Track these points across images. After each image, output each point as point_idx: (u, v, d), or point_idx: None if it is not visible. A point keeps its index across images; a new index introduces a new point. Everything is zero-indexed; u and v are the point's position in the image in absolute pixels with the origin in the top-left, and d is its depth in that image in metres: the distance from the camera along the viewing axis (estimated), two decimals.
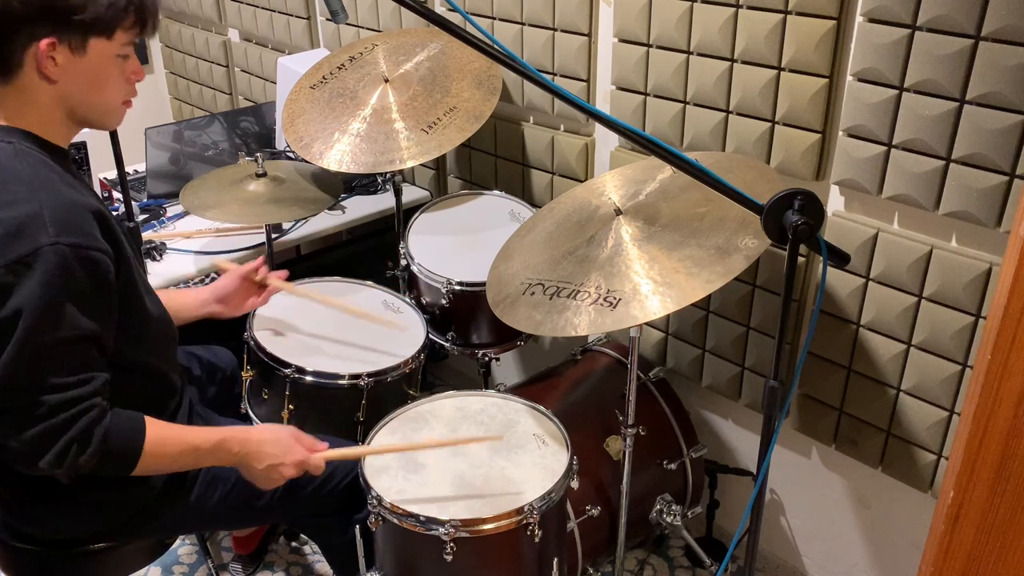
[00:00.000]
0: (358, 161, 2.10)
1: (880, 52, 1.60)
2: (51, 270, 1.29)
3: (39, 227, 1.29)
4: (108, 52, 1.38)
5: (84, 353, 1.36)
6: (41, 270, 1.28)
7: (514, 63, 1.29)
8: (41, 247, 1.28)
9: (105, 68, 1.39)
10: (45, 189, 1.33)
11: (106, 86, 1.41)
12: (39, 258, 1.28)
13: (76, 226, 1.33)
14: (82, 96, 1.40)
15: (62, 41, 1.33)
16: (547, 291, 1.64)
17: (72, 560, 1.60)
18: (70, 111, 1.41)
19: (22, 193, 1.32)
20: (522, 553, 1.60)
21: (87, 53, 1.36)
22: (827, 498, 2.07)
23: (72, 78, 1.37)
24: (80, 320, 1.33)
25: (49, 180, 1.35)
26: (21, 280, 1.28)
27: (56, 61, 1.34)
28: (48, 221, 1.30)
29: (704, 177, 1.29)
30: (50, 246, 1.29)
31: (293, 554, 2.36)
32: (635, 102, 2.05)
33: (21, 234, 1.29)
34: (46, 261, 1.28)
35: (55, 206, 1.32)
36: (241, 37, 3.41)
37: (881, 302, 1.76)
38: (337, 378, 1.88)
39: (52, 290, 1.29)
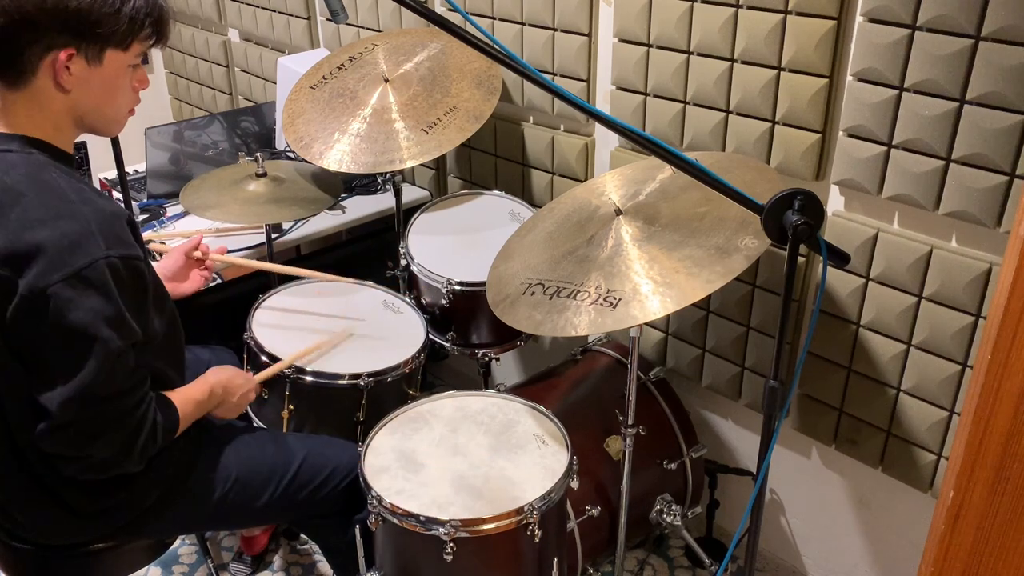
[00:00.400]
0: (358, 161, 2.10)
1: (880, 52, 1.60)
2: (109, 283, 1.33)
3: (91, 240, 1.32)
4: (123, 63, 1.40)
5: (134, 358, 1.42)
6: (100, 283, 1.32)
7: (514, 63, 1.29)
8: (96, 260, 1.31)
9: (118, 79, 1.41)
10: (86, 201, 1.36)
11: (116, 96, 1.43)
12: (96, 271, 1.31)
13: (120, 237, 1.37)
14: (93, 106, 1.41)
15: (80, 52, 1.34)
16: (547, 291, 1.64)
17: (72, 560, 1.60)
18: (79, 119, 1.43)
19: (65, 207, 1.34)
20: (522, 553, 1.60)
21: (103, 64, 1.37)
22: (827, 498, 2.07)
23: (85, 88, 1.38)
24: (134, 328, 1.39)
25: (84, 192, 1.38)
26: (81, 294, 1.31)
27: (71, 71, 1.35)
28: (98, 233, 1.33)
29: (704, 177, 1.29)
30: (104, 259, 1.32)
31: (293, 554, 2.36)
32: (635, 102, 2.05)
33: (76, 248, 1.31)
34: (103, 274, 1.32)
35: (100, 219, 1.35)
36: (241, 37, 3.41)
37: (881, 302, 1.76)
38: (337, 378, 1.88)
39: (114, 302, 1.34)
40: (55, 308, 1.30)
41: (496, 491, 1.60)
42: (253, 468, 1.68)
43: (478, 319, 2.13)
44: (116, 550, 1.64)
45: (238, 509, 1.68)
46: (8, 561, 1.61)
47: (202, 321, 2.13)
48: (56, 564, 1.60)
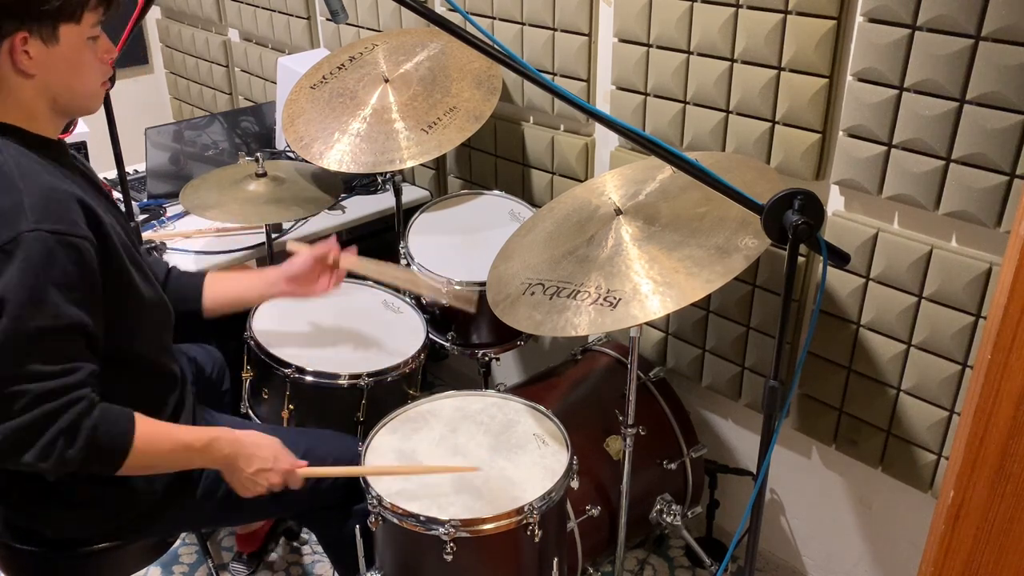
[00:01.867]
0: (358, 161, 2.10)
1: (880, 52, 1.60)
2: (32, 257, 1.27)
3: (19, 214, 1.28)
4: (79, 37, 1.36)
5: (70, 343, 1.32)
6: (22, 257, 1.26)
7: (514, 63, 1.29)
8: (21, 234, 1.27)
9: (79, 53, 1.37)
10: (25, 177, 1.32)
11: (83, 71, 1.39)
12: (19, 245, 1.26)
13: (58, 213, 1.31)
14: (62, 85, 1.38)
15: (33, 34, 1.31)
16: (547, 291, 1.64)
17: (72, 560, 1.60)
18: (52, 102, 1.40)
19: (3, 184, 1.31)
20: (522, 553, 1.60)
21: (59, 42, 1.34)
22: (827, 498, 2.07)
23: (49, 69, 1.35)
24: (65, 308, 1.30)
25: (30, 169, 1.34)
26: (2, 268, 1.27)
27: (30, 55, 1.32)
28: (28, 208, 1.28)
29: (704, 177, 1.29)
30: (30, 232, 1.27)
31: (293, 554, 2.36)
32: (635, 102, 2.05)
33: (1, 222, 1.27)
34: (27, 248, 1.27)
35: (36, 193, 1.30)
36: (241, 37, 3.41)
37: (881, 302, 1.76)
38: (337, 378, 1.88)
39: (34, 277, 1.27)
40: None
41: (496, 491, 1.60)
42: None
43: (478, 319, 2.13)
44: (117, 550, 1.64)
45: (240, 504, 1.68)
46: (9, 561, 1.61)
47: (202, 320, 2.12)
48: (57, 564, 1.60)
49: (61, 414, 1.29)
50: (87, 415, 1.32)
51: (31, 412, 1.28)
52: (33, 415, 1.28)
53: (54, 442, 1.29)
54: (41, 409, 1.28)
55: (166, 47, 3.90)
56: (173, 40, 3.80)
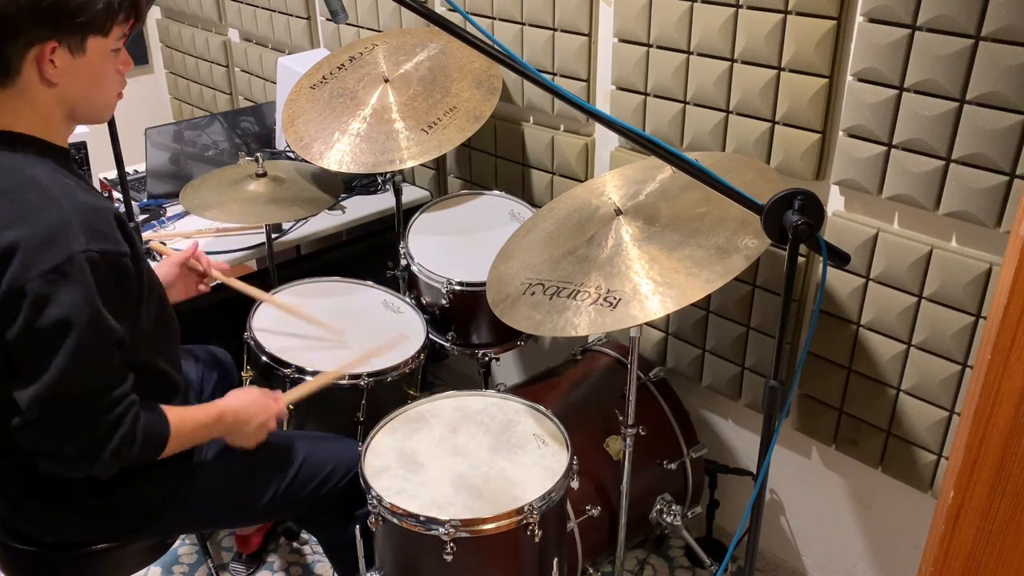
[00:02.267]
0: (358, 161, 2.10)
1: (880, 52, 1.60)
2: (87, 278, 1.30)
3: (69, 235, 1.30)
4: (105, 49, 1.38)
5: (117, 355, 1.39)
6: (78, 278, 1.30)
7: (514, 63, 1.29)
8: (74, 255, 1.29)
9: (102, 65, 1.39)
10: (67, 196, 1.34)
11: (103, 83, 1.41)
12: (73, 266, 1.29)
13: (102, 232, 1.34)
14: (82, 96, 1.39)
15: (62, 44, 1.32)
16: (547, 291, 1.64)
17: (72, 560, 1.60)
18: (70, 111, 1.41)
19: (45, 201, 1.32)
20: (522, 553, 1.60)
21: (86, 53, 1.35)
22: (827, 498, 2.07)
23: (72, 79, 1.36)
24: (114, 324, 1.36)
25: (66, 186, 1.36)
26: (59, 289, 1.29)
27: (56, 64, 1.33)
28: (77, 228, 1.31)
29: (704, 177, 1.29)
30: (82, 253, 1.30)
31: (293, 554, 2.36)
32: (635, 102, 2.05)
33: (53, 243, 1.29)
34: (81, 269, 1.30)
35: (81, 212, 1.33)
36: (241, 37, 3.41)
37: (881, 302, 1.76)
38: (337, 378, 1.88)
39: (92, 298, 1.31)
40: (32, 304, 1.28)
41: (496, 491, 1.60)
42: (255, 467, 1.68)
43: (478, 319, 2.13)
44: (117, 550, 1.64)
45: (240, 508, 1.69)
46: (9, 561, 1.61)
47: (202, 321, 2.13)
48: (57, 564, 1.60)
49: (121, 422, 1.39)
50: (139, 417, 1.42)
51: (100, 422, 1.36)
52: (103, 427, 1.37)
53: (120, 446, 1.39)
54: (110, 417, 1.37)
55: (166, 47, 3.90)
56: (173, 40, 3.80)
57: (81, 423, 1.36)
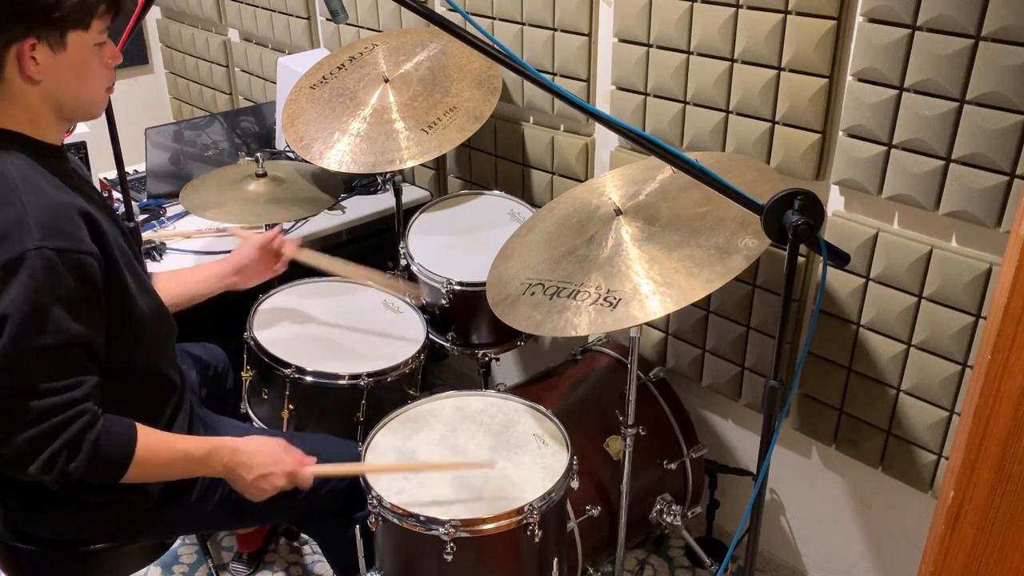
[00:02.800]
0: (358, 161, 2.10)
1: (880, 52, 1.60)
2: (36, 274, 1.27)
3: (23, 231, 1.28)
4: (87, 43, 1.36)
5: (73, 358, 1.34)
6: (26, 275, 1.26)
7: (514, 63, 1.29)
8: (26, 251, 1.27)
9: (86, 60, 1.37)
10: (30, 191, 1.31)
11: (89, 78, 1.39)
12: (24, 263, 1.26)
13: (62, 229, 1.31)
14: (67, 92, 1.38)
15: (42, 40, 1.31)
16: (547, 291, 1.64)
17: (72, 560, 1.60)
18: (58, 108, 1.39)
19: (5, 196, 1.30)
20: (522, 553, 1.60)
21: (67, 49, 1.33)
22: (827, 498, 2.07)
23: (55, 76, 1.34)
24: (68, 324, 1.31)
25: (34, 182, 1.33)
26: (6, 286, 1.27)
27: (38, 61, 1.32)
28: (32, 224, 1.28)
29: (704, 177, 1.29)
30: (35, 250, 1.27)
31: (293, 554, 2.36)
32: (635, 102, 2.05)
33: (5, 239, 1.27)
34: (31, 266, 1.27)
35: (40, 209, 1.30)
36: (241, 37, 3.41)
37: (881, 302, 1.76)
38: (337, 378, 1.88)
39: (38, 295, 1.27)
40: None
41: (496, 491, 1.60)
42: None
43: (478, 319, 2.13)
44: (116, 550, 1.64)
45: (239, 509, 1.68)
46: (8, 561, 1.61)
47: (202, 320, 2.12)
48: (57, 564, 1.60)
49: (65, 428, 1.32)
50: (90, 428, 1.34)
51: (37, 427, 1.30)
52: (39, 430, 1.30)
53: (57, 455, 1.32)
54: (47, 424, 1.31)
55: (166, 47, 3.90)
56: (173, 40, 3.80)
57: (13, 423, 1.30)
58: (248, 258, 1.87)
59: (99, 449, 1.35)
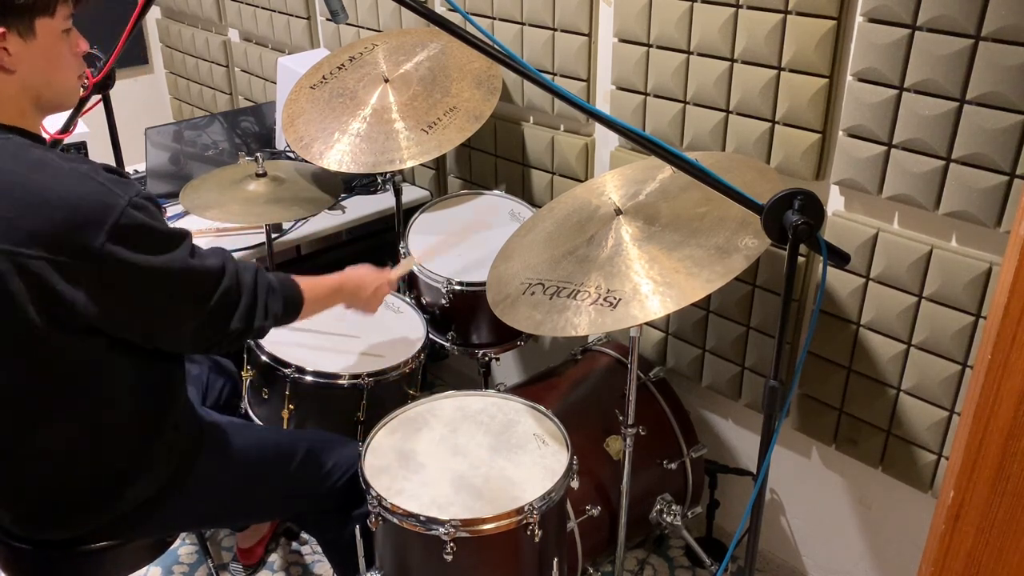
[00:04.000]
0: (358, 161, 2.10)
1: (880, 52, 1.60)
2: (142, 216, 1.34)
3: (109, 193, 1.32)
4: (54, 30, 1.37)
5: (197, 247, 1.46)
6: (139, 222, 1.33)
7: (514, 63, 1.29)
8: (125, 207, 1.32)
9: (55, 47, 1.38)
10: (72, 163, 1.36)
11: (61, 65, 1.40)
12: (129, 216, 1.32)
13: (120, 179, 1.38)
14: (42, 81, 1.39)
15: (11, 29, 1.32)
16: (547, 291, 1.64)
17: (72, 559, 1.60)
18: (35, 99, 1.40)
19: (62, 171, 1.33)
20: (522, 553, 1.60)
21: (36, 36, 1.35)
22: (827, 498, 2.07)
23: (29, 64, 1.36)
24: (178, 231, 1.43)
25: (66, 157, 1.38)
26: (130, 238, 1.32)
27: (9, 51, 1.33)
28: (111, 186, 1.34)
29: (704, 177, 1.29)
30: (127, 203, 1.33)
31: (293, 554, 2.36)
32: (635, 102, 2.05)
33: (101, 204, 1.31)
34: (133, 215, 1.33)
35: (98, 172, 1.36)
36: (241, 37, 3.41)
37: (881, 302, 1.76)
38: (337, 378, 1.88)
39: (158, 226, 1.37)
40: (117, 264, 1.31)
41: (496, 491, 1.60)
42: (254, 464, 1.68)
43: (478, 319, 2.13)
44: (116, 549, 1.63)
45: (239, 505, 1.68)
46: (8, 560, 1.61)
47: None
48: (56, 564, 1.60)
49: (256, 279, 1.51)
50: (265, 273, 1.54)
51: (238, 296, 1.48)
52: (247, 292, 1.49)
53: (266, 303, 1.52)
54: (244, 288, 1.48)
55: (166, 47, 3.90)
56: (173, 40, 3.80)
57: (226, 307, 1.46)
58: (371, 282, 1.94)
59: (284, 291, 1.57)
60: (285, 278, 1.59)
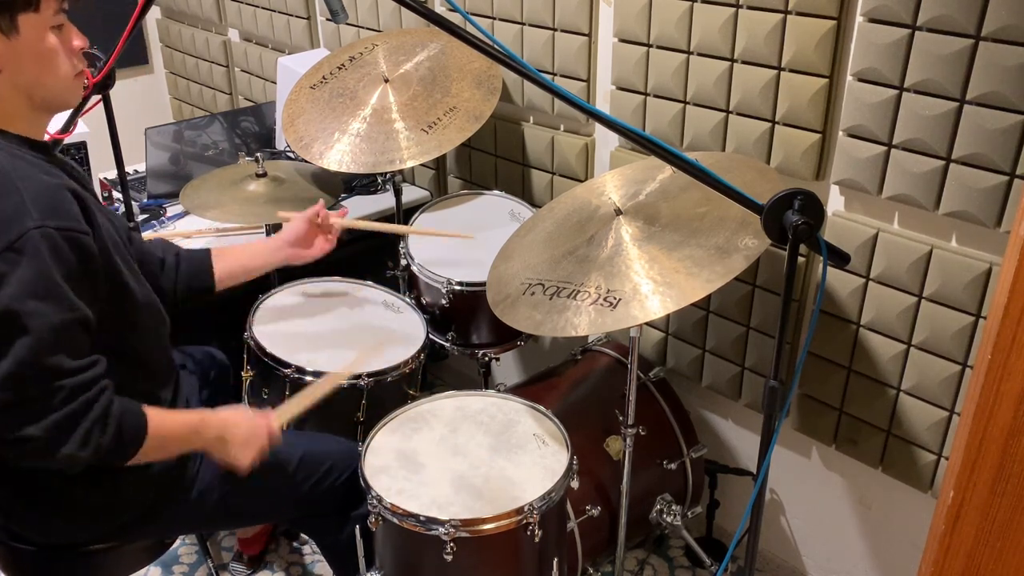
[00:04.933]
0: (358, 161, 2.10)
1: (880, 52, 1.60)
2: (42, 253, 1.28)
3: (23, 212, 1.28)
4: (41, 26, 1.34)
5: (84, 336, 1.35)
6: (32, 254, 1.27)
7: (514, 63, 1.29)
8: (28, 231, 1.27)
9: (43, 43, 1.35)
10: (23, 177, 1.32)
11: (51, 62, 1.37)
12: (28, 243, 1.27)
13: (59, 208, 1.31)
14: (31, 78, 1.36)
15: None
16: (547, 291, 1.64)
17: (72, 560, 1.60)
18: (28, 98, 1.38)
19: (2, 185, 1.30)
20: (522, 553, 1.60)
21: (20, 33, 1.32)
22: (827, 498, 2.07)
23: (15, 63, 1.33)
24: (75, 302, 1.32)
25: (23, 169, 1.34)
26: (14, 267, 1.27)
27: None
28: (31, 206, 1.28)
29: (704, 177, 1.29)
30: (36, 229, 1.27)
31: (293, 554, 2.36)
32: (635, 102, 2.05)
33: (6, 222, 1.27)
34: (35, 245, 1.27)
35: (36, 191, 1.31)
36: (241, 37, 3.41)
37: (881, 302, 1.76)
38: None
39: (48, 272, 1.28)
40: None
41: (496, 491, 1.60)
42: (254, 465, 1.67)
43: (478, 319, 2.13)
44: (116, 550, 1.64)
45: (238, 508, 1.68)
46: (8, 561, 1.61)
47: (202, 321, 2.13)
48: (56, 565, 1.60)
49: (94, 403, 1.34)
50: (112, 403, 1.37)
51: (68, 406, 1.31)
52: (72, 407, 1.31)
53: (91, 430, 1.33)
54: (79, 400, 1.32)
55: (166, 47, 3.90)
56: (173, 40, 3.80)
57: (46, 404, 1.30)
58: (298, 231, 1.91)
59: (122, 423, 1.37)
60: (131, 409, 1.40)
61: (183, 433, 1.50)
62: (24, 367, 1.27)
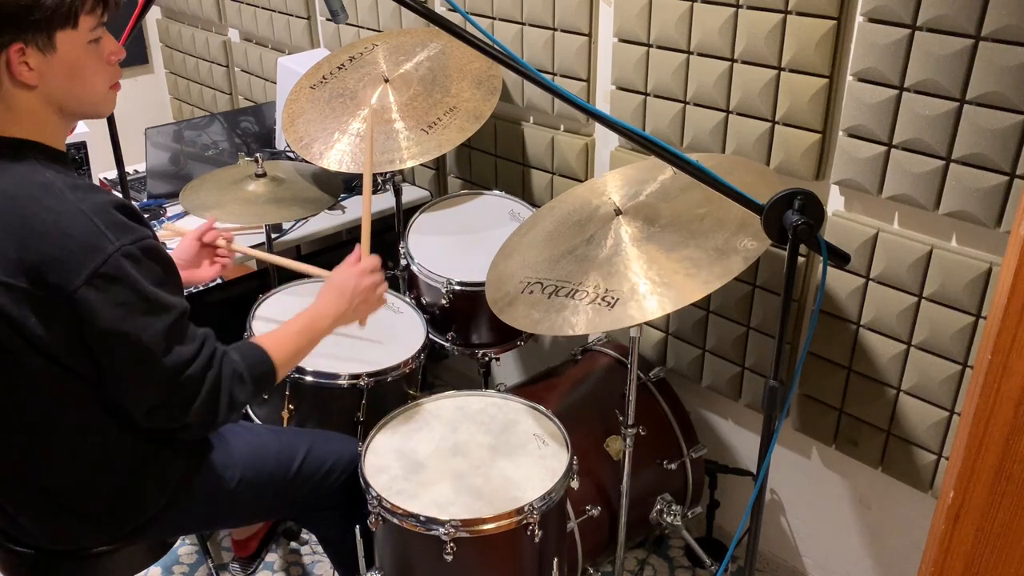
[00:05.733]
0: (358, 161, 2.10)
1: (880, 52, 1.60)
2: (130, 272, 1.31)
3: (100, 236, 1.29)
4: (78, 42, 1.32)
5: (186, 324, 1.42)
6: (123, 276, 1.30)
7: (514, 63, 1.29)
8: (111, 255, 1.29)
9: (80, 59, 1.34)
10: (83, 200, 1.32)
11: (87, 76, 1.36)
12: (114, 265, 1.29)
13: (124, 224, 1.34)
14: (66, 93, 1.35)
15: (29, 44, 1.28)
16: (546, 290, 1.64)
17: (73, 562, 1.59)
18: (60, 109, 1.37)
19: (65, 207, 1.30)
20: (522, 553, 1.60)
21: (57, 49, 1.30)
22: (827, 498, 2.07)
23: (50, 78, 1.32)
24: (171, 300, 1.38)
25: (79, 188, 1.34)
26: (107, 292, 1.29)
27: (30, 66, 1.29)
28: (104, 229, 1.30)
29: (704, 177, 1.29)
30: (117, 251, 1.30)
31: (293, 554, 2.36)
32: (635, 102, 2.05)
33: (86, 248, 1.28)
34: (121, 266, 1.30)
35: (100, 212, 1.31)
36: (241, 37, 3.41)
37: (881, 302, 1.76)
38: (337, 378, 1.88)
39: (141, 287, 1.32)
40: (86, 313, 1.28)
41: (496, 491, 1.60)
42: (258, 465, 1.67)
43: (478, 319, 2.13)
44: (118, 552, 1.63)
45: (243, 506, 1.68)
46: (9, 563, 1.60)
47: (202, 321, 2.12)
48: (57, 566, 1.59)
49: (221, 375, 1.43)
50: (236, 363, 1.46)
51: (203, 387, 1.40)
52: (207, 387, 1.40)
53: (232, 393, 1.44)
54: (209, 380, 1.41)
55: (166, 47, 3.90)
56: (173, 40, 3.80)
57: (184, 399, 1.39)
58: (187, 251, 1.88)
59: (252, 371, 1.48)
60: (251, 354, 1.50)
61: (301, 343, 1.60)
62: (152, 376, 1.35)
